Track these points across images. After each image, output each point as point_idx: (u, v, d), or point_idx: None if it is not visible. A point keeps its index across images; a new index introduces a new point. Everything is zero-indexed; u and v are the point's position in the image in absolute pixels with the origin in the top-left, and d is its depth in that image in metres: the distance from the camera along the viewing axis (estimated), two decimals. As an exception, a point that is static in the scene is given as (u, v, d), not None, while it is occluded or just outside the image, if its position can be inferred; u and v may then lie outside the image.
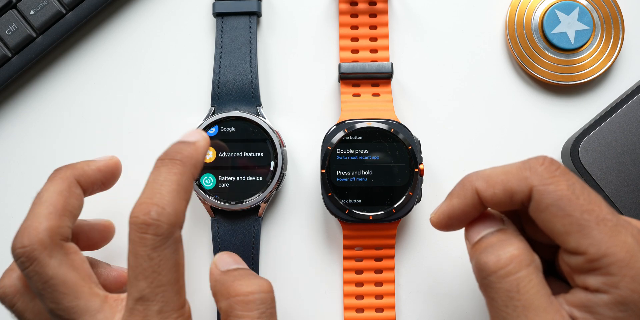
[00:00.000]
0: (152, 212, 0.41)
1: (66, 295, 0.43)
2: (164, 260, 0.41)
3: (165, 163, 0.44)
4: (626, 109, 0.56)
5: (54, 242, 0.44)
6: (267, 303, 0.43)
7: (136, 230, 0.41)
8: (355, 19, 0.58)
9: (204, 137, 0.46)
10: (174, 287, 0.41)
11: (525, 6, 0.58)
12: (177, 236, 0.42)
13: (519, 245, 0.41)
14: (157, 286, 0.41)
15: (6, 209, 0.60)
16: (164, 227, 0.41)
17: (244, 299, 0.43)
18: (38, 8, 0.58)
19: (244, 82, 0.57)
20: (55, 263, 0.43)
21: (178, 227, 0.42)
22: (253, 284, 0.44)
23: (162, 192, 0.42)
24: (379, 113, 0.56)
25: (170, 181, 0.42)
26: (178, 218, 0.42)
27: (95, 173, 0.50)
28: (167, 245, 0.41)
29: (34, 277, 0.43)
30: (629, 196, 0.55)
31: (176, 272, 0.41)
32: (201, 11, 0.60)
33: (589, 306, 0.39)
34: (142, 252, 0.41)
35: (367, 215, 0.54)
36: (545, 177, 0.40)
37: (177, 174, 0.43)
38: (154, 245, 0.41)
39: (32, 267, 0.43)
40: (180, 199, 0.42)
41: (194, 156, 0.44)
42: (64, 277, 0.43)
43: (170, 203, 0.41)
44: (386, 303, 0.56)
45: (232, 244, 0.56)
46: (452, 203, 0.44)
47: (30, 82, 0.60)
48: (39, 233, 0.44)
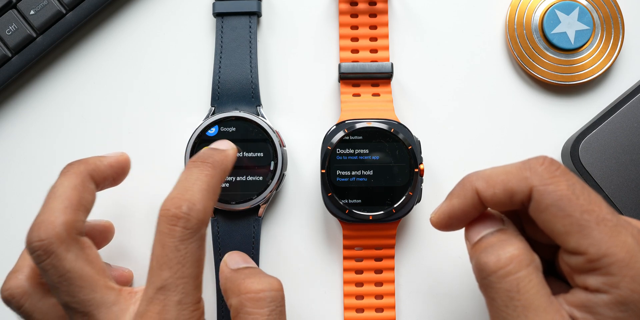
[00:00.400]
0: (184, 206, 0.42)
1: (83, 288, 0.43)
2: (189, 253, 0.42)
3: (197, 164, 0.46)
4: (626, 109, 0.56)
5: (70, 236, 0.45)
6: (278, 301, 0.44)
7: (166, 222, 0.42)
8: (355, 19, 0.58)
9: (232, 147, 0.50)
10: (194, 281, 0.42)
11: (525, 6, 0.58)
12: (203, 233, 0.43)
13: (519, 245, 0.41)
14: (180, 277, 0.41)
15: (6, 209, 0.59)
16: (193, 222, 0.42)
17: (255, 296, 0.44)
18: (38, 8, 0.58)
19: (244, 82, 0.57)
20: (72, 257, 0.44)
21: (205, 224, 0.43)
22: (264, 282, 0.45)
23: (194, 190, 0.43)
24: (379, 113, 0.56)
25: (201, 181, 0.44)
26: (206, 216, 0.43)
27: (107, 169, 0.51)
28: (194, 239, 0.42)
29: (50, 270, 0.44)
30: (629, 196, 0.55)
31: (198, 267, 0.42)
32: (201, 11, 0.60)
33: (589, 306, 0.39)
34: (170, 243, 0.42)
35: (367, 215, 0.54)
36: (545, 177, 0.40)
37: (208, 175, 0.45)
38: (182, 237, 0.42)
39: (49, 260, 0.44)
40: (209, 199, 0.44)
41: (223, 162, 0.47)
42: (80, 270, 0.44)
43: (200, 200, 0.43)
44: (386, 303, 0.56)
45: (232, 244, 0.56)
46: (452, 203, 0.44)
47: (30, 82, 0.60)
48: (55, 227, 0.44)
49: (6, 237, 0.59)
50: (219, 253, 0.56)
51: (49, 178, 0.58)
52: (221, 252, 0.56)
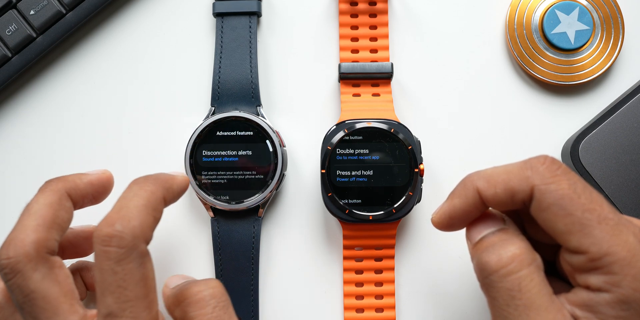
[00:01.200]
0: (117, 224, 0.41)
1: (45, 310, 0.42)
2: (128, 274, 0.40)
3: (138, 181, 0.45)
4: (626, 109, 0.56)
5: (40, 255, 0.43)
6: (218, 297, 0.43)
7: (100, 244, 0.41)
8: (355, 19, 0.58)
9: (183, 174, 0.49)
10: (142, 302, 0.41)
11: (525, 6, 0.58)
12: (142, 250, 0.41)
13: (521, 245, 0.41)
14: (124, 301, 0.40)
15: (6, 209, 0.59)
16: (127, 239, 0.41)
17: (193, 299, 0.43)
18: (38, 8, 0.58)
19: (244, 82, 0.57)
20: (39, 277, 0.43)
21: (143, 240, 0.42)
22: (199, 284, 0.44)
23: (129, 206, 0.42)
24: (379, 113, 0.56)
25: (139, 197, 0.43)
26: (143, 232, 0.42)
27: (87, 186, 0.49)
28: (132, 258, 0.41)
29: (15, 290, 0.43)
30: (629, 196, 0.55)
31: (144, 287, 0.41)
32: (201, 11, 0.60)
33: (590, 305, 0.39)
34: (106, 266, 0.40)
35: (367, 215, 0.54)
36: (546, 176, 0.40)
37: (148, 191, 0.44)
38: (117, 258, 0.40)
39: (14, 279, 0.43)
40: (147, 215, 0.42)
41: (168, 181, 0.46)
42: (45, 292, 0.42)
43: (136, 216, 0.42)
44: (386, 303, 0.56)
45: (232, 243, 0.56)
46: (453, 203, 0.44)
47: (30, 82, 0.60)
48: (25, 245, 0.43)
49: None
50: (219, 253, 0.56)
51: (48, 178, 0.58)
52: (221, 252, 0.56)
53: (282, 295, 0.58)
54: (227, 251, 0.56)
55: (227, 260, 0.56)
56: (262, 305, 0.58)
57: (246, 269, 0.56)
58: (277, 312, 0.58)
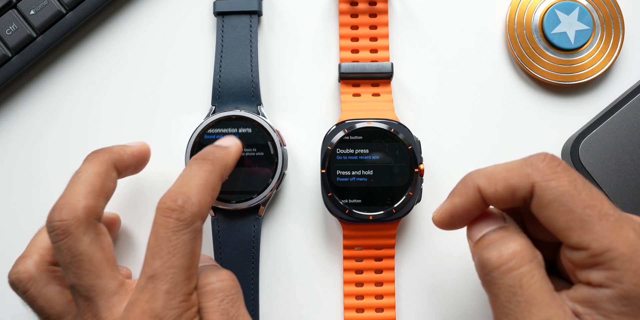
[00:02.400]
0: (179, 199, 0.43)
1: (90, 272, 0.45)
2: (181, 243, 0.42)
3: (197, 162, 0.47)
4: (626, 109, 0.56)
5: (89, 221, 0.46)
6: (226, 290, 0.45)
7: (161, 214, 0.43)
8: (355, 19, 0.58)
9: (236, 144, 0.51)
10: (185, 272, 0.43)
11: (525, 6, 0.58)
12: (197, 226, 0.44)
13: (521, 242, 0.41)
14: (170, 267, 0.42)
15: (6, 209, 0.59)
16: (187, 214, 0.43)
17: (202, 290, 0.44)
18: (38, 8, 0.58)
19: (244, 81, 0.57)
20: (87, 240, 0.45)
21: (200, 218, 0.44)
22: (210, 276, 0.45)
23: (190, 184, 0.45)
24: (379, 113, 0.56)
25: (199, 176, 0.45)
26: (201, 209, 0.44)
27: (130, 158, 0.52)
28: (187, 231, 0.43)
29: (64, 250, 0.45)
30: (629, 196, 0.55)
31: (190, 259, 0.43)
32: (202, 10, 0.60)
33: (592, 301, 0.39)
34: (162, 233, 0.43)
35: (367, 215, 0.54)
36: (546, 173, 0.40)
37: (207, 171, 0.46)
38: (175, 228, 0.43)
39: (65, 240, 0.45)
40: (206, 194, 0.45)
41: (224, 158, 0.48)
42: (92, 255, 0.45)
43: (195, 194, 0.44)
44: (386, 303, 0.56)
45: (232, 243, 0.56)
46: (454, 201, 0.44)
47: (30, 82, 0.60)
48: (77, 210, 0.46)
49: (6, 237, 0.59)
50: (219, 252, 0.56)
51: (49, 178, 0.59)
52: (221, 251, 0.56)
53: (282, 295, 0.58)
54: (227, 250, 0.56)
55: (228, 260, 0.56)
56: (262, 305, 0.58)
57: (246, 268, 0.56)
58: (277, 312, 0.58)
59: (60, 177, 0.59)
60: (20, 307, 0.57)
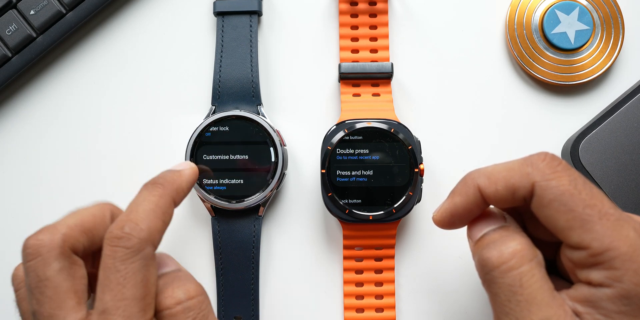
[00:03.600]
0: (125, 227, 0.41)
1: (52, 301, 0.42)
2: (130, 273, 0.41)
3: (147, 187, 0.45)
4: (626, 109, 0.56)
5: (65, 248, 0.43)
6: (195, 309, 0.43)
7: (108, 244, 0.41)
8: (355, 19, 0.58)
9: (191, 167, 0.49)
10: (138, 303, 0.41)
11: (525, 6, 0.58)
12: (148, 253, 0.42)
13: (521, 241, 0.41)
14: (120, 300, 0.40)
15: (6, 208, 0.59)
16: (134, 241, 0.41)
17: (170, 312, 0.42)
18: (38, 8, 0.58)
19: (244, 81, 0.57)
20: (57, 266, 0.42)
21: (150, 244, 0.42)
22: (177, 293, 0.43)
23: (138, 210, 0.43)
24: (379, 113, 0.56)
25: (148, 201, 0.43)
26: (151, 235, 0.42)
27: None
28: (136, 259, 0.41)
29: (31, 272, 0.43)
30: (629, 196, 0.55)
31: (142, 288, 0.41)
32: (202, 10, 0.60)
33: (592, 301, 0.39)
34: (110, 264, 0.41)
35: (367, 215, 0.54)
36: (547, 172, 0.40)
37: (156, 195, 0.44)
38: (122, 257, 0.41)
39: (34, 261, 0.43)
40: (156, 218, 0.43)
41: (176, 181, 0.46)
42: (58, 283, 0.42)
43: (143, 220, 0.42)
44: (386, 303, 0.56)
45: (232, 243, 0.56)
46: (454, 201, 0.44)
47: (30, 82, 0.60)
48: (55, 234, 0.43)
49: (6, 237, 0.59)
50: (220, 252, 0.56)
51: (49, 178, 0.59)
52: (221, 251, 0.56)
53: (282, 295, 0.58)
54: (227, 250, 0.56)
55: (228, 260, 0.56)
56: (262, 305, 0.58)
57: (246, 268, 0.56)
58: (277, 312, 0.58)
59: (60, 177, 0.59)
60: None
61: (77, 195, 0.59)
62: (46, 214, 0.59)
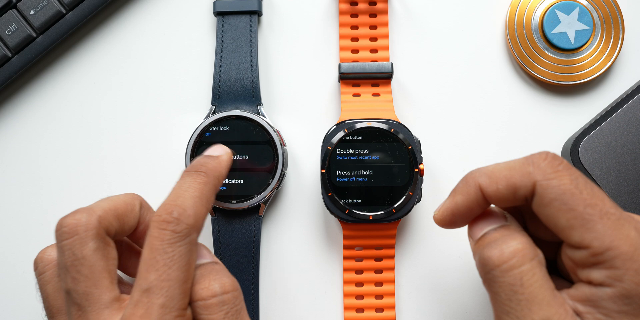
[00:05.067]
0: (174, 212, 0.43)
1: (88, 279, 0.43)
2: (177, 256, 0.42)
3: (191, 174, 0.46)
4: (626, 109, 0.56)
5: (100, 229, 0.45)
6: (230, 303, 0.43)
7: (157, 227, 0.42)
8: (355, 19, 0.58)
9: (227, 152, 0.50)
10: (181, 286, 0.42)
11: (525, 6, 0.58)
12: (193, 238, 0.43)
13: (522, 240, 0.41)
14: (165, 280, 0.41)
15: (6, 209, 0.59)
16: (183, 226, 0.42)
17: (204, 303, 0.43)
18: (38, 8, 0.58)
19: (244, 81, 0.57)
20: (93, 246, 0.44)
21: (196, 230, 0.43)
22: (213, 285, 0.44)
23: (185, 196, 0.44)
24: (379, 113, 0.56)
25: (194, 188, 0.45)
26: (197, 221, 0.43)
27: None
28: (183, 243, 0.42)
29: (67, 251, 0.44)
30: (628, 196, 0.55)
31: (186, 272, 0.42)
32: (202, 10, 0.60)
33: (593, 300, 0.39)
34: (158, 245, 0.42)
35: (367, 215, 0.54)
36: (548, 171, 0.40)
37: (201, 183, 0.46)
38: (170, 240, 0.42)
39: (71, 240, 0.44)
40: (201, 205, 0.44)
41: (217, 169, 0.48)
42: (93, 262, 0.44)
43: (191, 206, 0.43)
44: (386, 303, 0.56)
45: (233, 243, 0.56)
46: (455, 200, 0.44)
47: (30, 82, 0.60)
48: (91, 215, 0.44)
49: (6, 237, 0.59)
50: (220, 252, 0.56)
51: (49, 178, 0.58)
52: (221, 251, 0.56)
53: (282, 295, 0.58)
54: (227, 250, 0.56)
55: (228, 260, 0.56)
56: (262, 305, 0.58)
57: (246, 268, 0.56)
58: (277, 312, 0.58)
59: (60, 177, 0.59)
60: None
61: (77, 195, 0.59)
62: (46, 214, 0.59)
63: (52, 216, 0.59)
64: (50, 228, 0.58)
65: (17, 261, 0.58)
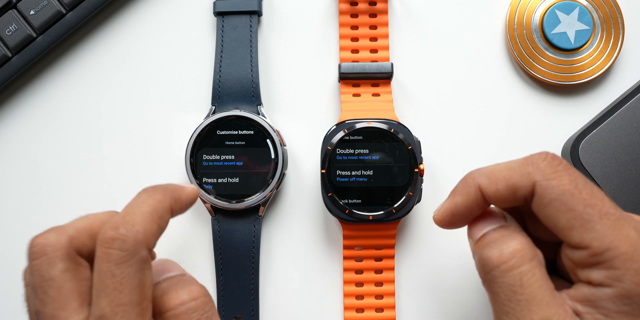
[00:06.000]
0: (121, 228, 0.40)
1: (55, 301, 0.41)
2: (126, 278, 0.40)
3: (147, 190, 0.44)
4: (626, 109, 0.56)
5: (70, 249, 0.43)
6: (200, 310, 0.42)
7: (102, 246, 0.40)
8: (355, 19, 0.58)
9: (192, 187, 0.47)
10: (136, 308, 0.40)
11: (525, 6, 0.58)
12: (143, 256, 0.41)
13: (522, 240, 0.41)
14: (118, 305, 0.39)
15: (6, 209, 0.59)
16: (130, 243, 0.40)
17: (174, 312, 0.42)
18: (38, 8, 0.58)
19: (244, 81, 0.57)
20: (62, 267, 0.42)
21: (145, 247, 0.41)
22: (181, 294, 0.42)
23: (135, 212, 0.42)
24: (379, 113, 0.56)
25: (147, 204, 0.42)
26: (146, 238, 0.41)
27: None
28: (132, 262, 0.40)
29: (35, 271, 0.42)
30: (628, 196, 0.55)
31: (139, 293, 0.40)
32: (202, 10, 0.60)
33: (592, 300, 0.39)
34: (105, 268, 0.40)
35: (367, 215, 0.54)
36: (547, 172, 0.40)
37: (155, 199, 0.43)
38: (117, 260, 0.40)
39: (39, 260, 0.42)
40: (152, 222, 0.42)
41: (176, 191, 0.45)
42: (61, 283, 0.42)
43: (140, 222, 0.41)
44: (386, 303, 0.56)
45: (233, 243, 0.56)
46: (455, 200, 0.44)
47: (30, 82, 0.60)
48: (61, 234, 0.43)
49: (6, 237, 0.59)
50: (220, 252, 0.56)
51: (49, 178, 0.59)
52: (221, 251, 0.56)
53: (282, 295, 0.58)
54: (227, 250, 0.56)
55: (228, 260, 0.56)
56: (262, 305, 0.58)
57: (246, 268, 0.56)
58: (277, 312, 0.58)
59: (60, 177, 0.59)
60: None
61: (77, 195, 0.59)
62: (46, 214, 0.59)
63: (52, 216, 0.59)
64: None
65: (17, 261, 0.58)
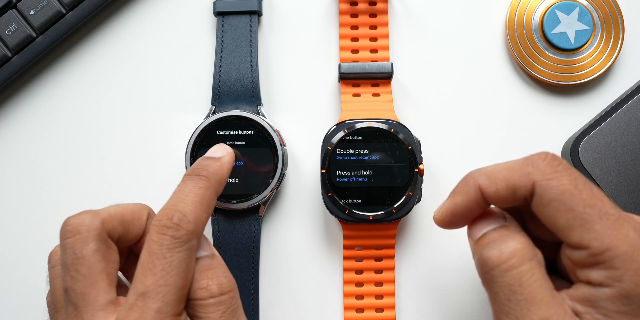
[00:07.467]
0: (174, 217, 0.43)
1: (85, 278, 0.43)
2: (176, 261, 0.42)
3: (192, 178, 0.46)
4: (626, 109, 0.56)
5: (102, 232, 0.44)
6: (227, 303, 0.43)
7: (156, 231, 0.42)
8: (355, 19, 0.58)
9: (228, 153, 0.49)
10: (177, 292, 0.42)
11: (525, 6, 0.58)
12: (193, 244, 0.43)
13: (522, 240, 0.41)
14: (162, 285, 0.41)
15: (6, 209, 0.59)
16: (183, 232, 0.42)
17: (202, 303, 0.43)
18: (38, 8, 0.58)
19: (244, 81, 0.57)
20: (94, 247, 0.44)
21: (196, 236, 0.43)
22: (211, 288, 0.44)
23: (186, 201, 0.44)
24: (379, 113, 0.56)
25: (195, 193, 0.45)
26: (197, 227, 0.43)
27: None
28: (183, 249, 0.42)
29: (68, 249, 0.44)
30: (629, 196, 0.55)
31: (183, 278, 0.42)
32: (202, 10, 0.60)
33: (592, 300, 0.39)
34: (157, 250, 0.42)
35: (367, 215, 0.54)
36: (547, 172, 0.40)
37: (202, 188, 0.45)
38: (170, 246, 0.42)
39: (73, 239, 0.44)
40: (201, 211, 0.44)
41: (218, 172, 0.47)
42: (93, 262, 0.43)
43: (191, 212, 0.43)
44: (386, 303, 0.56)
45: (233, 243, 0.56)
46: (455, 200, 0.44)
47: (30, 82, 0.60)
48: (94, 217, 0.44)
49: (6, 237, 0.59)
50: (220, 252, 0.56)
51: (49, 178, 0.58)
52: (221, 251, 0.56)
53: (282, 295, 0.58)
54: (227, 250, 0.56)
55: (228, 260, 0.56)
56: (262, 305, 0.58)
57: (246, 268, 0.56)
58: (277, 312, 0.58)
59: (60, 177, 0.59)
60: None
61: (77, 195, 0.59)
62: (46, 214, 0.59)
63: (52, 216, 0.59)
64: (50, 228, 0.58)
65: (17, 261, 0.59)
